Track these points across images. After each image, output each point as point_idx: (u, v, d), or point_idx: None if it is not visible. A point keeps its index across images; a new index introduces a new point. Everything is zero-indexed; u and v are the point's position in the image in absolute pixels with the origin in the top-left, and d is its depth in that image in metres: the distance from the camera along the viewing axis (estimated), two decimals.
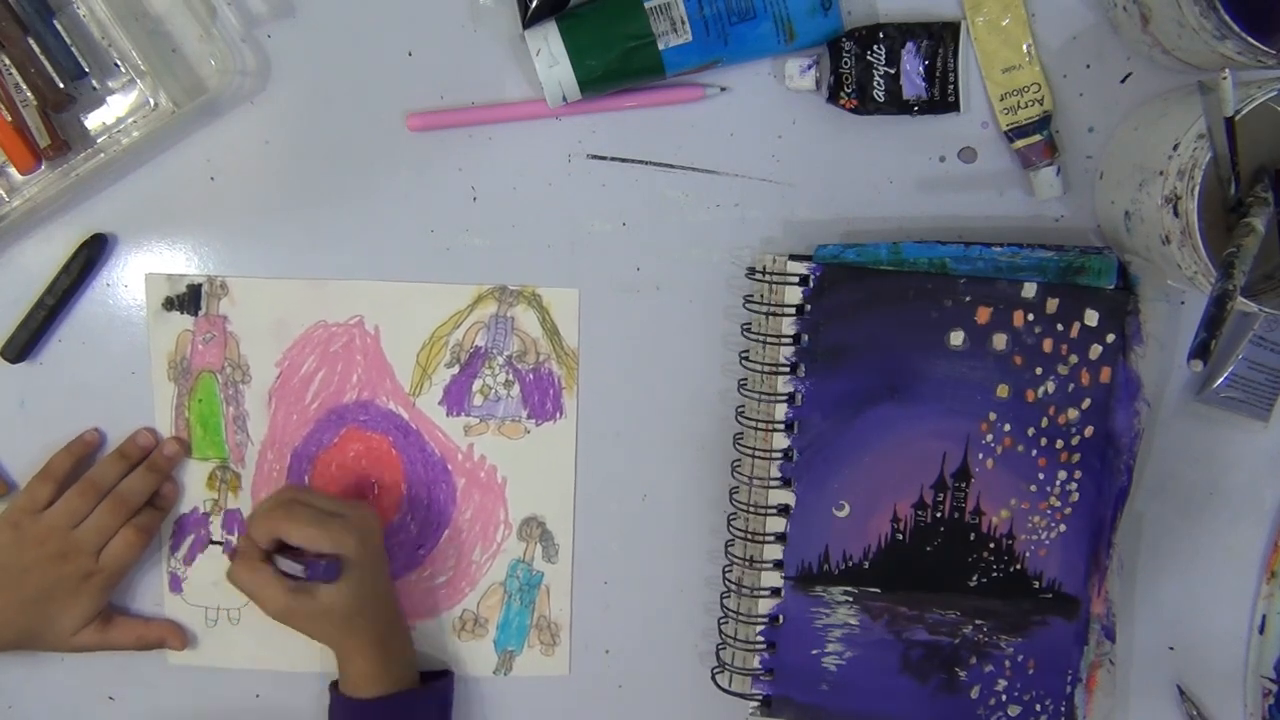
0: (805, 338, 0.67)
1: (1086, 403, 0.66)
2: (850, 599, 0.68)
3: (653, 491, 0.72)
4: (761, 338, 0.68)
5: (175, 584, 0.73)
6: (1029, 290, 0.65)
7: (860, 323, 0.66)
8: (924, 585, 0.68)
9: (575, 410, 0.71)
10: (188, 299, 0.71)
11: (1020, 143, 0.66)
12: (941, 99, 0.66)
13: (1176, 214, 0.57)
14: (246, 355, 0.71)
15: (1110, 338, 0.65)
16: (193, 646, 0.74)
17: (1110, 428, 0.66)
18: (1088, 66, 0.66)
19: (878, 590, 0.68)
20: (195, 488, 0.73)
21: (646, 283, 0.70)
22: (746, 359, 0.68)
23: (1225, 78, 0.54)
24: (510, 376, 0.71)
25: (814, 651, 0.69)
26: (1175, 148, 0.57)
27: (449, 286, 0.70)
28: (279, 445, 0.72)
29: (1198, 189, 0.55)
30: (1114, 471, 0.67)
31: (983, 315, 0.66)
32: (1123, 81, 0.67)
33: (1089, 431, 0.66)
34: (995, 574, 0.68)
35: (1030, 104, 0.66)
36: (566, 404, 0.71)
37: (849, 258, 0.66)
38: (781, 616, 0.69)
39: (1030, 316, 0.65)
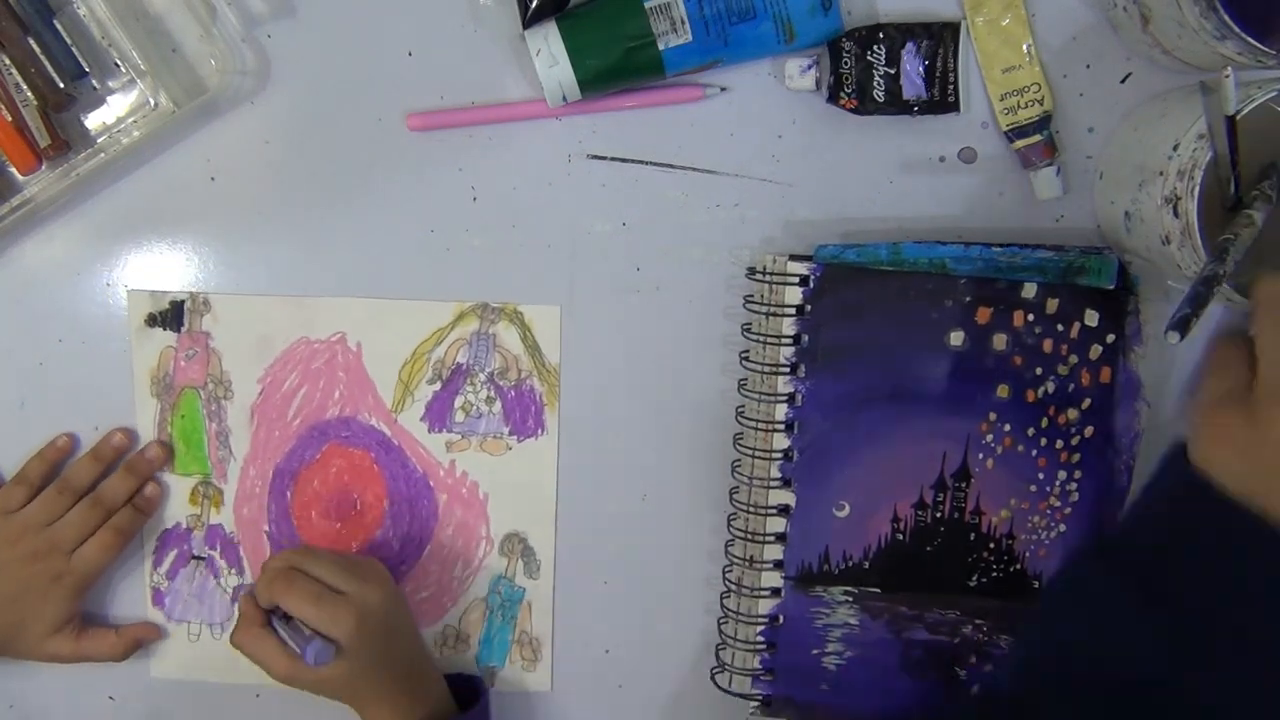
0: (805, 338, 0.67)
1: (1086, 403, 0.66)
2: (850, 599, 0.68)
3: (653, 491, 0.72)
4: (761, 338, 0.68)
5: (158, 599, 0.73)
6: (1029, 290, 0.65)
7: (860, 323, 0.66)
8: (924, 585, 0.68)
9: (556, 427, 0.71)
10: (170, 315, 0.71)
11: (1020, 143, 0.66)
12: (941, 99, 0.66)
13: (1176, 214, 0.56)
14: (229, 371, 0.71)
15: (1110, 338, 0.65)
16: (177, 661, 0.74)
17: (1110, 428, 0.66)
18: (1088, 66, 0.66)
19: (878, 590, 0.68)
20: (178, 503, 0.73)
21: (646, 283, 0.70)
22: (746, 359, 0.68)
23: (1228, 75, 0.54)
24: (492, 393, 0.71)
25: (814, 651, 0.69)
26: (1175, 148, 0.57)
27: (430, 303, 0.70)
28: (261, 461, 0.72)
29: (1198, 189, 0.55)
30: (1114, 471, 0.66)
31: (983, 315, 0.66)
32: (1123, 81, 0.67)
33: (1089, 431, 0.66)
34: (995, 574, 0.68)
35: (1030, 104, 0.66)
36: (548, 421, 0.71)
37: (849, 258, 0.66)
38: (781, 616, 0.69)
39: (1030, 317, 0.65)
